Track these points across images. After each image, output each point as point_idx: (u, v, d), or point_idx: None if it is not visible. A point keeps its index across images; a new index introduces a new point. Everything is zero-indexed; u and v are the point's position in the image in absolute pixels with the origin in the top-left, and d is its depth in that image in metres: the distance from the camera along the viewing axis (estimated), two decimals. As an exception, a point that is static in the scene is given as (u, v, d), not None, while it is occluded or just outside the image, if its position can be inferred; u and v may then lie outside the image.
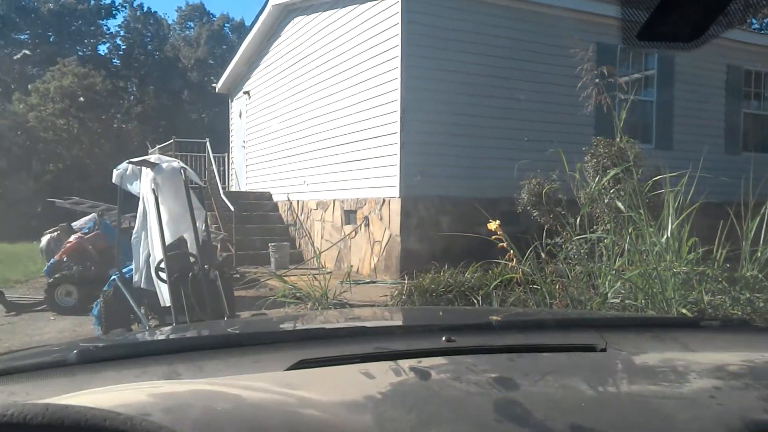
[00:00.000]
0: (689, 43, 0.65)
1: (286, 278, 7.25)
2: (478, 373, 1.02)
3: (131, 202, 5.84)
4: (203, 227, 5.97)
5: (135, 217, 5.70)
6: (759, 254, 4.46)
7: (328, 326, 1.56)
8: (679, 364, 1.10)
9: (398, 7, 8.75)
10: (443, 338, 1.16)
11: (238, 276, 9.25)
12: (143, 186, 5.39)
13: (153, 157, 5.68)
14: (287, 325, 1.77)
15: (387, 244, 9.12)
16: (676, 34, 0.65)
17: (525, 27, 9.35)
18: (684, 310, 3.97)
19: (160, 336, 1.69)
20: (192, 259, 5.31)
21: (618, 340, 1.17)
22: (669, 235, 4.22)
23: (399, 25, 8.75)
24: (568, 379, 1.02)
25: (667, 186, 4.64)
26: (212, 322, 4.19)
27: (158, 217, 5.11)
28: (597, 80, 6.00)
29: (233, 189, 15.41)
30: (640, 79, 10.53)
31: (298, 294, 6.59)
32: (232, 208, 11.45)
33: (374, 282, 8.60)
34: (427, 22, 8.84)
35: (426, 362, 1.06)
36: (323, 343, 1.20)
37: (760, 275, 4.39)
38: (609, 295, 4.12)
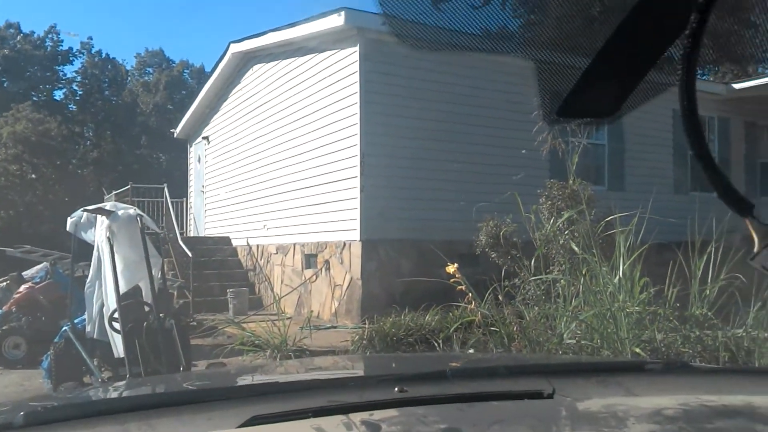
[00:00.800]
0: (606, 118, 0.71)
1: (244, 325, 7.14)
2: (428, 423, 1.04)
3: (85, 250, 5.72)
4: (159, 275, 5.86)
5: (89, 265, 5.57)
6: (707, 292, 4.61)
7: (281, 380, 1.56)
8: (620, 409, 1.14)
9: (357, 56, 8.95)
10: (396, 389, 1.18)
11: (196, 324, 9.06)
12: (98, 234, 5.30)
13: (108, 205, 5.61)
14: (242, 379, 1.76)
15: (348, 287, 9.09)
16: (593, 110, 0.71)
17: (482, 74, 9.60)
18: (638, 350, 4.06)
19: (111, 393, 1.66)
20: (147, 308, 5.20)
21: (565, 386, 1.21)
22: (621, 275, 4.34)
23: (357, 73, 8.93)
24: (514, 427, 1.05)
25: (618, 226, 4.79)
26: (166, 376, 4.09)
27: (113, 266, 5.01)
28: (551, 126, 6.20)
29: (192, 234, 15.21)
30: (592, 123, 10.90)
31: (256, 341, 6.50)
32: (189, 254, 11.29)
33: (335, 327, 8.54)
34: (385, 71, 9.04)
35: (378, 415, 1.07)
36: (277, 398, 1.20)
37: (709, 313, 4.53)
38: (565, 336, 4.19)
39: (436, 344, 5.72)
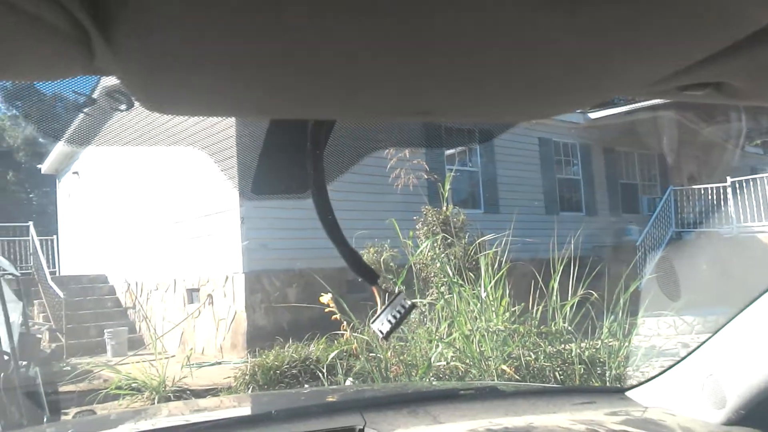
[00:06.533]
0: (300, 194, 0.78)
1: (122, 367, 6.81)
2: None
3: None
4: (20, 320, 5.50)
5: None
6: (567, 308, 4.93)
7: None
8: None
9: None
10: None
11: (69, 369, 8.51)
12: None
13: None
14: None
15: (233, 321, 8.90)
16: (283, 189, 0.79)
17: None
18: (504, 366, 4.27)
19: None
20: (6, 357, 4.85)
21: (377, 419, 1.29)
22: (485, 295, 4.56)
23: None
24: None
25: (481, 249, 5.04)
26: (28, 429, 3.83)
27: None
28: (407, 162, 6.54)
29: (65, 273, 14.30)
30: (465, 152, 11.41)
31: (133, 384, 6.21)
32: (61, 295, 10.60)
33: (219, 363, 8.31)
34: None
35: None
36: None
37: (569, 327, 4.84)
38: (433, 360, 4.34)
39: (320, 374, 5.72)
